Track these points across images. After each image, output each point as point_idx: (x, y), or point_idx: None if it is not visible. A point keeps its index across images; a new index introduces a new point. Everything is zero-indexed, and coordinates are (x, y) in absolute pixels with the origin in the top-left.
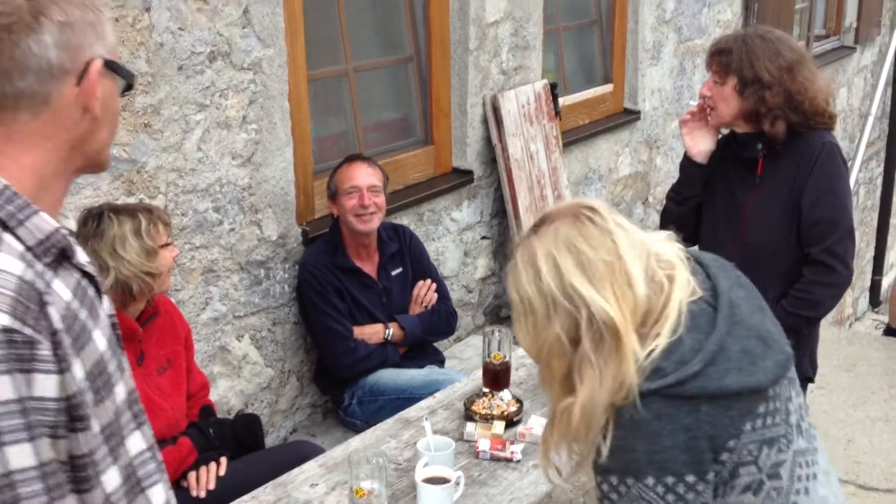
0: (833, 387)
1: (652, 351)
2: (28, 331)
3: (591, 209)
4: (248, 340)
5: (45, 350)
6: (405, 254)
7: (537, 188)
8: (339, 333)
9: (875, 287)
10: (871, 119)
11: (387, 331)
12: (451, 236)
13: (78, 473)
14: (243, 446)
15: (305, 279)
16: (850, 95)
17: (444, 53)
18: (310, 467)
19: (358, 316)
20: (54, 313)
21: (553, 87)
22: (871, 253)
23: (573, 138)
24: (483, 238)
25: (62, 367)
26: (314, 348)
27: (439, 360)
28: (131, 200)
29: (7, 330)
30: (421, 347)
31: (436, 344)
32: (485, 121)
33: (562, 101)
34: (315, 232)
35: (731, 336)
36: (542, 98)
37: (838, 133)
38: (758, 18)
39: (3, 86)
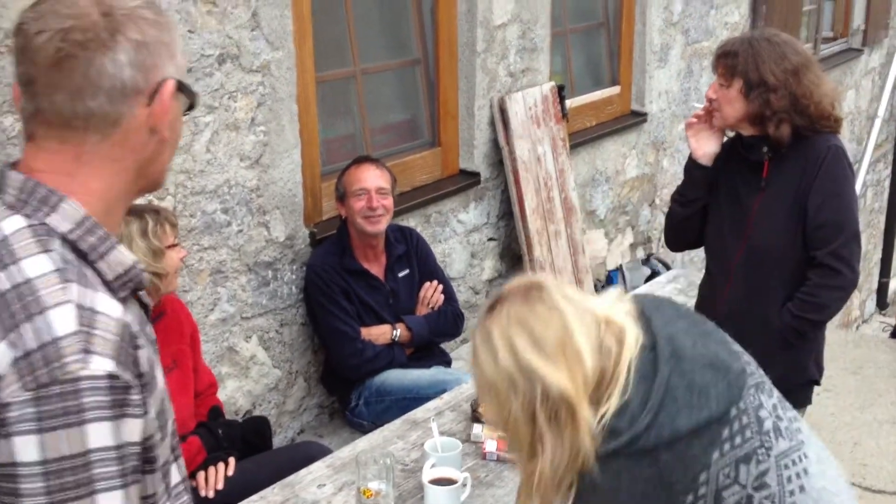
0: (840, 389)
1: (604, 414)
2: (127, 376)
3: (539, 287)
4: (256, 341)
5: (135, 395)
6: (412, 256)
7: (544, 190)
8: (346, 335)
9: (882, 289)
10: (878, 121)
11: (394, 332)
12: (457, 238)
13: None
14: (251, 447)
15: (313, 281)
16: (857, 98)
17: (451, 55)
18: (317, 468)
19: (365, 317)
20: (143, 357)
21: (560, 89)
22: (878, 255)
23: (580, 140)
24: (490, 240)
25: (145, 411)
26: (321, 349)
27: (446, 361)
28: (140, 202)
29: (111, 376)
30: (427, 349)
31: (442, 345)
32: (492, 123)
33: (569, 103)
34: (322, 233)
35: (676, 374)
36: (549, 100)
37: (846, 135)
38: (765, 21)
39: (74, 105)
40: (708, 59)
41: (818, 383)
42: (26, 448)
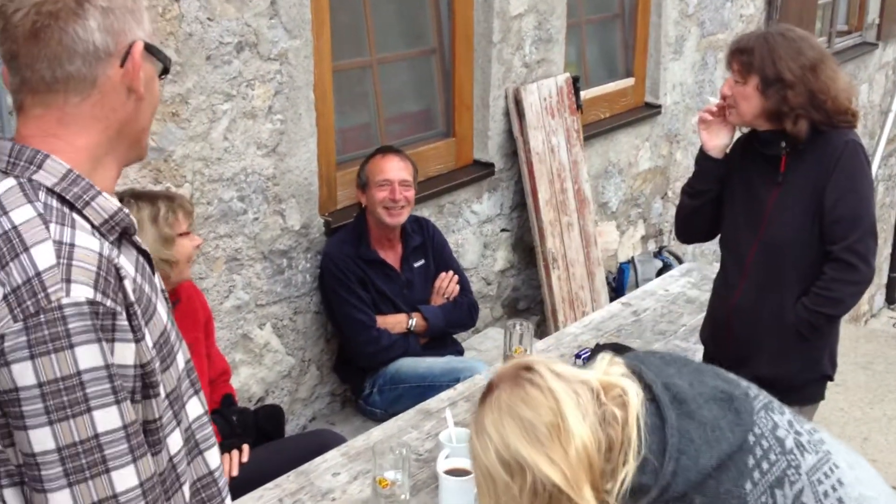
0: (850, 384)
1: (623, 480)
2: (109, 303)
3: (529, 369)
4: (270, 329)
5: (123, 321)
6: (428, 247)
7: (558, 181)
8: (362, 323)
9: (892, 284)
10: (891, 115)
11: (410, 321)
12: (471, 228)
13: (150, 437)
14: (264, 435)
15: (329, 269)
16: (871, 92)
17: (467, 46)
18: (332, 456)
19: (381, 306)
20: (129, 286)
21: (575, 80)
22: (888, 250)
23: (594, 132)
24: (503, 231)
25: (137, 337)
26: (334, 337)
27: (458, 352)
28: (158, 188)
29: (92, 302)
30: (441, 339)
31: (455, 336)
32: (507, 114)
33: (583, 94)
34: (337, 223)
35: (683, 417)
36: (564, 91)
37: (859, 130)
38: (780, 13)
39: (53, 70)
40: (723, 52)
41: (832, 378)
42: (23, 374)
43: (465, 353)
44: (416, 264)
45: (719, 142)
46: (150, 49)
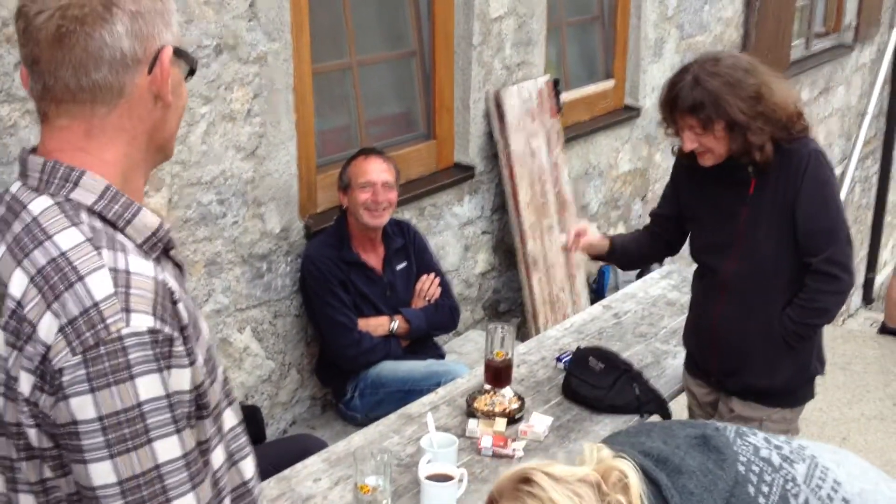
0: (828, 385)
1: None
2: (168, 329)
3: (528, 481)
4: (250, 333)
5: (179, 346)
6: (409, 249)
7: (538, 184)
8: (344, 325)
9: (868, 285)
10: (868, 118)
11: (392, 323)
12: (452, 231)
13: (203, 458)
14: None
15: (310, 271)
16: (847, 93)
17: (447, 48)
18: (313, 462)
19: (363, 308)
20: (182, 310)
21: (555, 82)
22: (865, 251)
23: (574, 134)
24: (483, 233)
25: (192, 360)
26: (314, 341)
27: (439, 355)
28: None
29: (153, 331)
30: (422, 342)
31: (436, 339)
32: (487, 116)
33: (563, 96)
34: (317, 226)
35: (673, 474)
36: (544, 94)
37: (835, 131)
38: (758, 16)
39: (78, 78)
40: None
41: (822, 374)
42: (83, 407)
43: (447, 357)
44: (398, 267)
45: (599, 248)
46: (178, 53)
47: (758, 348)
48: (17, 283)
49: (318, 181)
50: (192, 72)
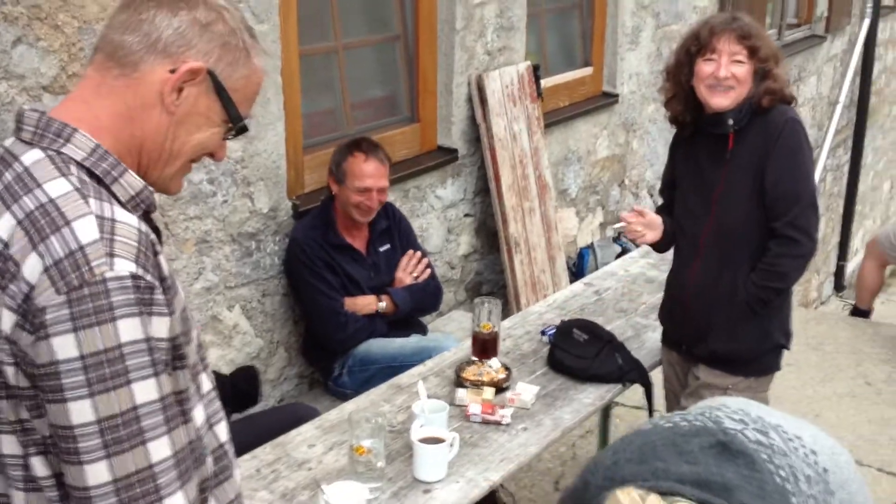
0: (801, 364)
1: None
2: (149, 277)
3: None
4: (239, 311)
5: (159, 295)
6: (394, 231)
7: (519, 167)
8: (330, 308)
9: (839, 272)
10: (839, 107)
11: (379, 303)
12: (435, 213)
13: (180, 408)
14: (241, 396)
15: (296, 254)
16: (819, 84)
17: (431, 32)
18: (307, 429)
19: (350, 289)
20: (163, 262)
21: (536, 68)
22: (836, 238)
23: (553, 120)
24: (466, 216)
25: (171, 311)
26: (302, 320)
27: (423, 332)
28: None
29: (135, 276)
30: (406, 320)
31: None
32: (469, 100)
33: (543, 82)
34: (305, 206)
35: (724, 495)
36: (525, 79)
37: (807, 121)
38: (733, 6)
39: (114, 33)
40: (676, 42)
41: (787, 347)
42: (65, 346)
43: (430, 334)
44: (382, 248)
45: (656, 233)
46: (216, 86)
47: (723, 313)
48: (5, 226)
49: (305, 162)
50: (236, 131)
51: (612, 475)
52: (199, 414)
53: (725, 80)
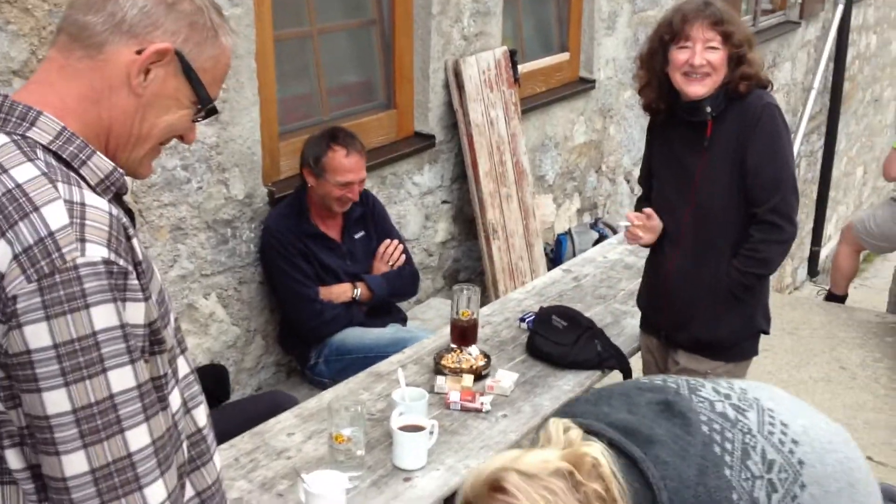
0: (777, 349)
1: None
2: (122, 262)
3: (500, 489)
4: (215, 299)
5: (133, 280)
6: (368, 218)
7: (497, 153)
8: (306, 296)
9: (813, 258)
10: (813, 93)
11: (355, 291)
12: (412, 200)
13: (158, 394)
14: (210, 395)
15: (270, 243)
16: (793, 70)
17: (407, 17)
18: (286, 417)
19: (325, 278)
20: (137, 246)
21: (512, 54)
22: (810, 224)
23: (530, 105)
24: (444, 202)
25: (146, 295)
26: (279, 308)
27: (402, 319)
28: None
29: (107, 262)
30: (384, 307)
31: (398, 304)
32: (446, 86)
33: (520, 68)
34: (281, 192)
35: (645, 446)
36: (501, 65)
37: (782, 106)
38: None
39: (78, 13)
40: (652, 28)
41: (767, 332)
42: (37, 335)
43: (409, 322)
44: (357, 235)
45: (654, 236)
46: (184, 66)
47: (705, 300)
48: None
49: (280, 148)
50: (207, 112)
51: (568, 409)
52: (174, 399)
53: (700, 67)
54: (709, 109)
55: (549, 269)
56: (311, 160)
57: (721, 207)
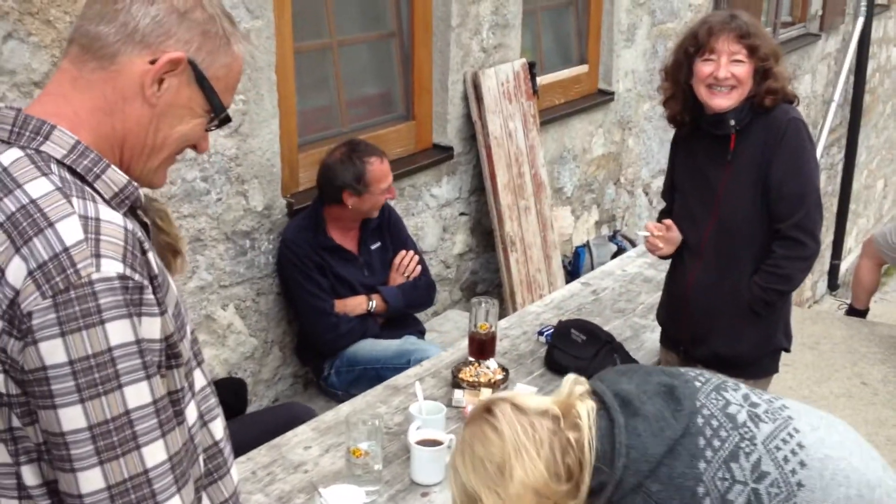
0: (797, 364)
1: (586, 487)
2: (137, 277)
3: (490, 411)
4: (233, 310)
5: (149, 294)
6: (384, 229)
7: (515, 165)
8: (322, 310)
9: (833, 271)
10: (833, 106)
11: (370, 303)
12: (430, 212)
13: (174, 408)
14: (227, 408)
15: (287, 256)
16: (813, 82)
17: (426, 29)
18: (303, 430)
19: (341, 290)
20: (152, 260)
21: (531, 65)
22: (830, 237)
23: (549, 117)
24: (461, 214)
25: (162, 310)
26: (296, 320)
27: (419, 331)
28: None
29: (122, 277)
30: (402, 318)
31: (417, 315)
32: (465, 97)
33: (538, 80)
34: (299, 204)
35: (629, 416)
36: (520, 76)
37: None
38: (728, 3)
39: (90, 24)
40: (672, 40)
41: (788, 350)
42: (53, 351)
43: (427, 335)
44: (373, 247)
45: (672, 248)
46: (198, 75)
47: (726, 315)
48: None
49: (300, 160)
50: (221, 121)
51: (599, 375)
52: (191, 413)
53: (725, 80)
54: (733, 122)
55: (567, 281)
56: (351, 182)
57: (744, 221)
